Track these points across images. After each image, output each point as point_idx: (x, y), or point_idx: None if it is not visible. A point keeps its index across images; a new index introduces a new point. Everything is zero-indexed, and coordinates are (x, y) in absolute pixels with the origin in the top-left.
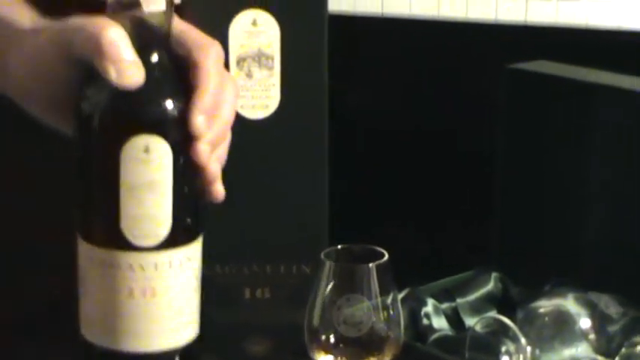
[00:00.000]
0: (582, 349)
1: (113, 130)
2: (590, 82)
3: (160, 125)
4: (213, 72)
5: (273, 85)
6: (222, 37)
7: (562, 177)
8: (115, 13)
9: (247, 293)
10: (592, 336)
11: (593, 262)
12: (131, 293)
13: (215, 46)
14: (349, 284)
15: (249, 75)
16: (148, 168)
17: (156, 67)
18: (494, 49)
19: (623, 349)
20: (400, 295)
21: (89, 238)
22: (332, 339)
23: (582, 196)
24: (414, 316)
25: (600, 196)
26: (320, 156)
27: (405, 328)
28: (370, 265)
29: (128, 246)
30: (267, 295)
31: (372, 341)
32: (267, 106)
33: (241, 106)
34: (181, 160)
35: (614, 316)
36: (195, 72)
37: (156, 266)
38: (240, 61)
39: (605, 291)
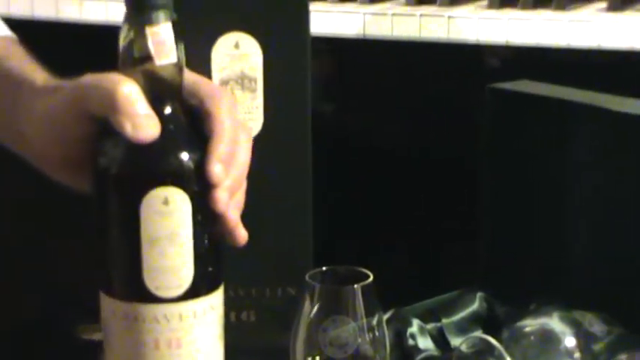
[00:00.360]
0: None
1: (132, 184)
2: (572, 101)
3: (178, 177)
4: (227, 120)
5: (256, 107)
6: (204, 60)
7: (545, 196)
8: (127, 68)
9: (233, 316)
10: (577, 354)
11: (578, 281)
12: (157, 345)
13: (227, 95)
14: (334, 306)
15: None
16: (168, 219)
17: (170, 119)
18: (476, 69)
19: None
20: (385, 316)
21: (112, 293)
22: None
23: (565, 215)
24: (400, 337)
25: (583, 215)
26: (303, 178)
27: (391, 349)
28: (355, 286)
29: (152, 298)
30: (253, 318)
31: None
32: (250, 128)
33: None
34: (200, 210)
35: (599, 334)
36: (210, 121)
37: (180, 317)
38: (223, 84)
39: (589, 309)
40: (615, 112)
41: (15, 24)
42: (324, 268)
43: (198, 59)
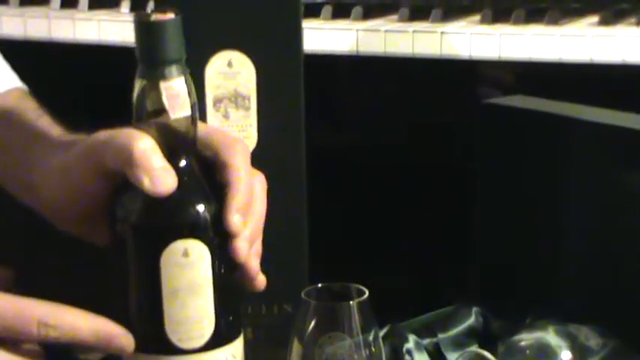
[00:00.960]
0: None
1: (151, 238)
2: (566, 115)
3: (197, 229)
4: (242, 170)
5: (250, 125)
6: (198, 78)
7: (540, 211)
8: (141, 122)
9: None
10: None
11: (573, 294)
12: None
13: (240, 144)
14: (330, 322)
15: (225, 116)
16: (189, 271)
17: (186, 171)
18: (469, 84)
19: None
20: (381, 332)
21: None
22: None
23: (560, 229)
24: (396, 353)
25: (578, 229)
26: (298, 195)
27: None
28: (351, 302)
29: (174, 350)
30: (250, 336)
31: None
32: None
33: None
34: (220, 260)
35: (595, 347)
36: (226, 172)
37: None
38: (217, 103)
39: (585, 323)
40: (609, 125)
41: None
42: (319, 285)
43: (192, 78)
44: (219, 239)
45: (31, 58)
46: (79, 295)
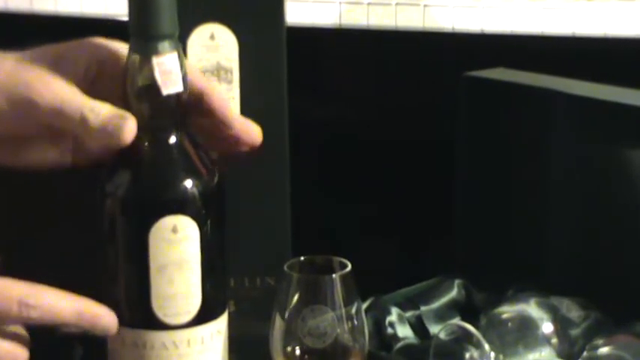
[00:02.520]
0: (545, 353)
1: (140, 213)
2: (548, 88)
3: (186, 205)
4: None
5: (233, 98)
6: None
7: (522, 184)
8: (132, 97)
9: None
10: (554, 340)
11: (555, 267)
12: None
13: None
14: (313, 295)
15: None
16: (177, 247)
17: (176, 147)
18: (452, 57)
19: (585, 352)
20: (364, 305)
21: (120, 321)
22: (297, 351)
23: (541, 201)
24: (379, 326)
25: (559, 201)
26: (281, 168)
27: (370, 337)
28: (334, 275)
29: (161, 325)
30: (232, 308)
31: (337, 352)
32: None
33: None
34: (208, 237)
35: (576, 319)
36: (207, 96)
37: (189, 342)
38: None
39: (566, 295)
40: (590, 98)
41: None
42: (302, 258)
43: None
44: (209, 216)
45: (13, 31)
46: (65, 274)
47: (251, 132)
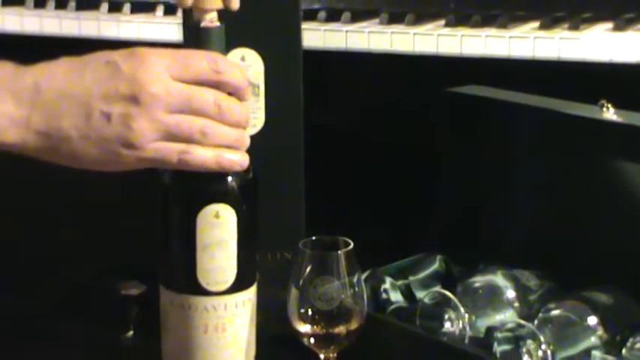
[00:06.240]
0: (509, 314)
1: (190, 202)
2: (512, 101)
3: (227, 196)
4: None
5: (260, 108)
6: None
7: (492, 178)
8: None
9: None
10: (516, 304)
11: (517, 246)
12: (206, 329)
13: None
14: (322, 268)
15: None
16: (218, 230)
17: None
18: (437, 76)
19: (540, 314)
20: (363, 275)
21: (171, 287)
22: (309, 312)
23: (509, 194)
24: (375, 292)
25: (523, 194)
26: (297, 164)
27: (368, 301)
28: (339, 252)
29: (203, 292)
30: (258, 277)
31: (342, 313)
32: (255, 125)
33: None
34: (244, 222)
35: (534, 287)
36: None
37: (225, 306)
38: None
39: (526, 268)
40: (548, 110)
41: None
42: (313, 238)
43: None
44: (245, 205)
45: (83, 53)
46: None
47: None
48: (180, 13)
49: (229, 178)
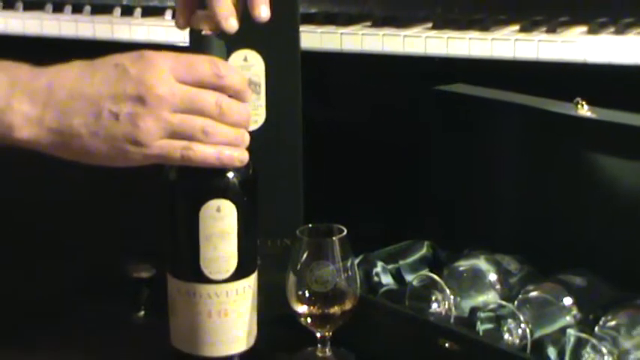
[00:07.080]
0: (491, 296)
1: (194, 196)
2: (495, 98)
3: (228, 191)
4: None
5: (261, 105)
6: None
7: (478, 170)
8: None
9: None
10: (498, 286)
11: (499, 233)
12: (209, 314)
13: None
14: (318, 253)
15: None
16: (220, 222)
17: None
18: (425, 75)
19: (520, 295)
20: (356, 260)
21: (177, 275)
22: (306, 294)
23: (493, 185)
24: (367, 275)
25: (505, 183)
26: (295, 158)
27: (361, 284)
28: (334, 238)
29: (206, 280)
30: (259, 262)
31: (337, 295)
32: (256, 121)
33: None
34: (243, 216)
35: (514, 271)
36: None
37: (227, 293)
38: None
39: (507, 253)
40: (528, 106)
41: None
42: (310, 225)
43: None
44: (245, 199)
45: (98, 55)
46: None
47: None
48: None
49: (230, 175)
